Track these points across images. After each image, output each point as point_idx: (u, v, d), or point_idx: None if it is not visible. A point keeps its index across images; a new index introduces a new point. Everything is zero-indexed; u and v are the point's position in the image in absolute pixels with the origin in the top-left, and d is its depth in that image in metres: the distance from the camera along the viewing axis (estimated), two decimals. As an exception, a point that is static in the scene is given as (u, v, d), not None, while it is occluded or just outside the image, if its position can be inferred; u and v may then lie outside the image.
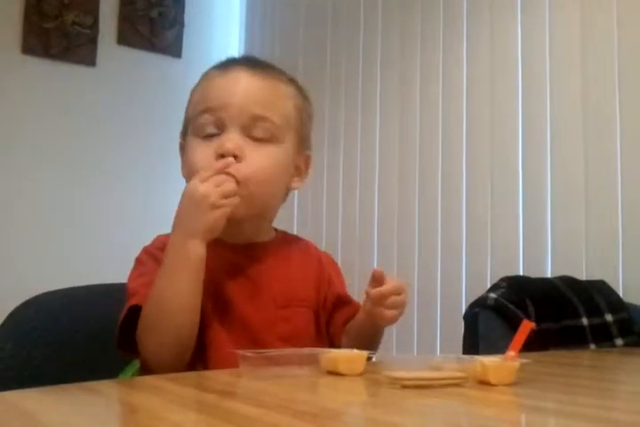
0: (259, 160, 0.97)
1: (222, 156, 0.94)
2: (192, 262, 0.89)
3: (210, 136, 0.98)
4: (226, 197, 0.89)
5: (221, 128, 0.97)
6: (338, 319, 1.08)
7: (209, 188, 0.88)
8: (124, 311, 0.91)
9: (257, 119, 0.98)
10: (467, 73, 2.26)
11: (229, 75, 1.00)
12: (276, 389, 0.73)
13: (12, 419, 0.57)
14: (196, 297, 0.90)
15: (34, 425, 0.55)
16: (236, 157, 0.95)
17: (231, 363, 0.85)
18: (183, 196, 0.90)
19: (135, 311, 0.90)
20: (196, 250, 0.89)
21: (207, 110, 0.98)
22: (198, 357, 0.96)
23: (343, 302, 1.10)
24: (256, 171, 0.96)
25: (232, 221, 0.94)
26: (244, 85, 0.99)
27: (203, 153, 0.96)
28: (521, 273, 1.98)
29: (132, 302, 0.91)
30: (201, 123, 0.99)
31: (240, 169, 0.94)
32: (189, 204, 0.89)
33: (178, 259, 0.88)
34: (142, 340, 0.89)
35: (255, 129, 0.98)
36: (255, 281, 1.01)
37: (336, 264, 1.17)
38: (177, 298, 0.87)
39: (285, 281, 1.04)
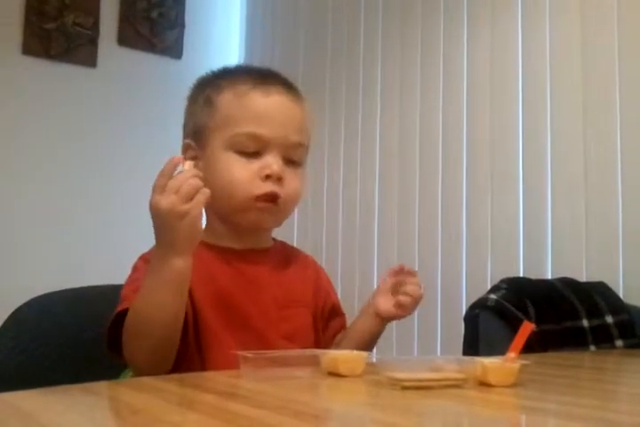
0: (294, 183, 1.05)
1: (268, 176, 1.01)
2: (174, 275, 0.88)
3: (249, 154, 1.03)
4: (189, 198, 0.86)
5: (263, 150, 1.03)
6: (331, 329, 1.14)
7: (170, 198, 0.85)
8: (113, 316, 0.93)
9: (296, 146, 1.05)
10: (467, 74, 2.26)
11: (271, 98, 1.05)
12: (277, 390, 0.73)
13: (12, 420, 0.57)
14: (177, 309, 0.90)
15: (34, 426, 0.55)
16: (279, 179, 1.02)
17: (233, 364, 0.85)
18: (151, 213, 0.87)
19: (123, 316, 0.91)
20: (179, 263, 0.88)
21: (253, 134, 1.02)
22: (200, 358, 0.97)
23: (338, 313, 1.16)
24: (292, 193, 1.05)
25: (246, 230, 1.05)
26: (286, 111, 1.06)
27: (244, 170, 1.02)
28: (521, 275, 1.98)
29: (121, 307, 0.93)
30: (243, 141, 1.02)
31: (283, 190, 1.02)
32: (158, 220, 0.87)
33: (161, 272, 0.88)
34: (125, 344, 0.90)
35: (291, 154, 1.05)
36: (256, 283, 1.04)
37: (327, 276, 1.21)
38: (157, 310, 0.88)
39: (285, 283, 1.08)
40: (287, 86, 1.09)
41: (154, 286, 0.88)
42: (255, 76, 1.08)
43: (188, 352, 0.96)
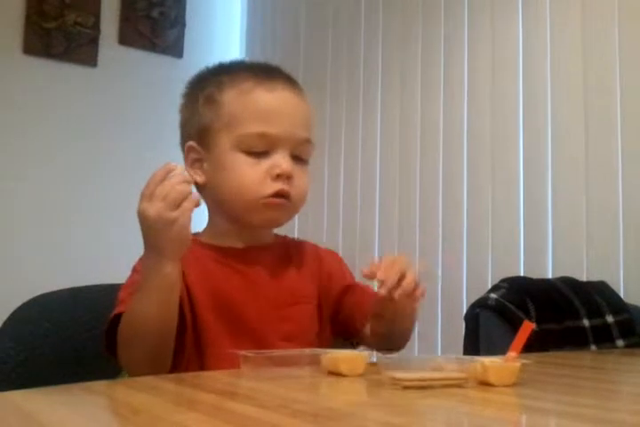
0: (303, 182, 1.04)
1: (278, 176, 1.00)
2: (163, 282, 0.88)
3: (257, 153, 1.01)
4: (177, 205, 0.84)
5: (271, 148, 1.01)
6: (346, 304, 1.10)
7: (157, 206, 0.84)
8: (110, 319, 0.92)
9: (304, 142, 1.04)
10: (467, 74, 2.26)
11: (277, 94, 1.03)
12: (277, 389, 0.73)
13: (13, 419, 0.57)
14: (168, 316, 0.89)
15: (34, 425, 0.55)
16: (289, 177, 1.01)
17: (231, 364, 0.85)
18: (139, 220, 0.87)
19: (119, 318, 0.91)
20: (167, 269, 0.87)
21: (261, 133, 1.00)
22: (198, 359, 0.96)
23: (353, 289, 1.11)
24: (302, 191, 1.04)
25: (259, 228, 1.06)
26: (292, 108, 1.05)
27: (254, 172, 1.00)
28: (522, 274, 1.97)
29: (118, 310, 0.92)
30: (251, 141, 1.01)
31: (293, 188, 1.02)
32: (146, 227, 0.86)
33: (150, 279, 0.88)
34: (119, 349, 0.90)
35: (299, 151, 1.04)
36: (255, 282, 1.03)
37: (340, 260, 1.18)
38: (148, 318, 0.87)
39: (284, 281, 1.06)
40: (290, 81, 1.07)
41: (144, 293, 0.88)
42: (257, 71, 1.06)
43: (187, 353, 0.96)
